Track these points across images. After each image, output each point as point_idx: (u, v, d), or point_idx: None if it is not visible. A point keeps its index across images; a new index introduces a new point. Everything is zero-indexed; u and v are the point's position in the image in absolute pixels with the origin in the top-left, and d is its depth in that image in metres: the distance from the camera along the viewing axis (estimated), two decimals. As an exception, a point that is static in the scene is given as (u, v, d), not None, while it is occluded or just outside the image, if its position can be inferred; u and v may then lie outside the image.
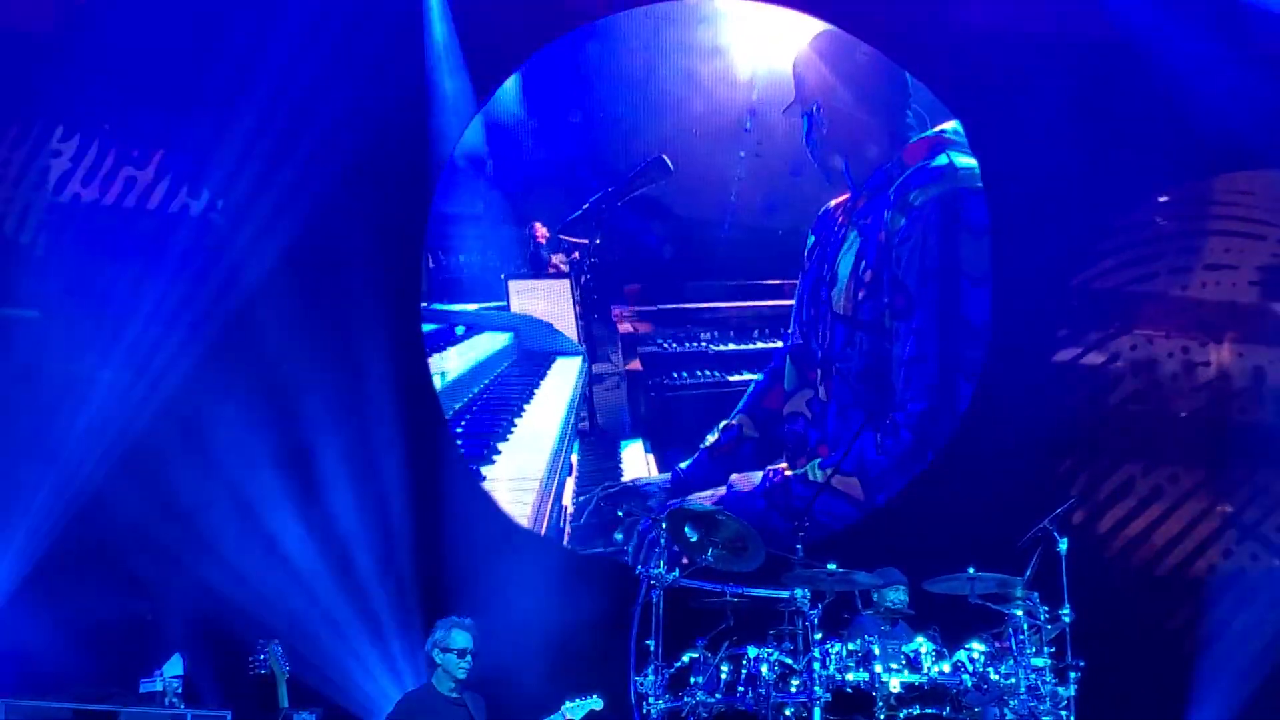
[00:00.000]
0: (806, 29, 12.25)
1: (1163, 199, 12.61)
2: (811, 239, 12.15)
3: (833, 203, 12.16)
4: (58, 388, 10.57)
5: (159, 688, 9.51)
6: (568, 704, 8.89)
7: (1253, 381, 12.73)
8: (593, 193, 12.04)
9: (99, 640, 10.14)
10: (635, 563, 10.83)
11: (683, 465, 11.75)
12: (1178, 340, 12.78)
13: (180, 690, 9.53)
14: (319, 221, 11.29)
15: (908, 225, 12.08)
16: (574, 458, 11.89)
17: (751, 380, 12.05)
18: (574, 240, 11.96)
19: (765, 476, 11.65)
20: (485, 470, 11.62)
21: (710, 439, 11.87)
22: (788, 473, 11.77)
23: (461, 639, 8.81)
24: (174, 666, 9.64)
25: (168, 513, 10.53)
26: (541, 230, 11.93)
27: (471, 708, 8.85)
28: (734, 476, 11.76)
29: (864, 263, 12.06)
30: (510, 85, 11.94)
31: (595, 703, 8.91)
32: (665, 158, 12.08)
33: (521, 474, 11.69)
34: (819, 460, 11.83)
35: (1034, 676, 8.64)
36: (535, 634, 10.29)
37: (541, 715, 8.96)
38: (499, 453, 11.65)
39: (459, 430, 11.67)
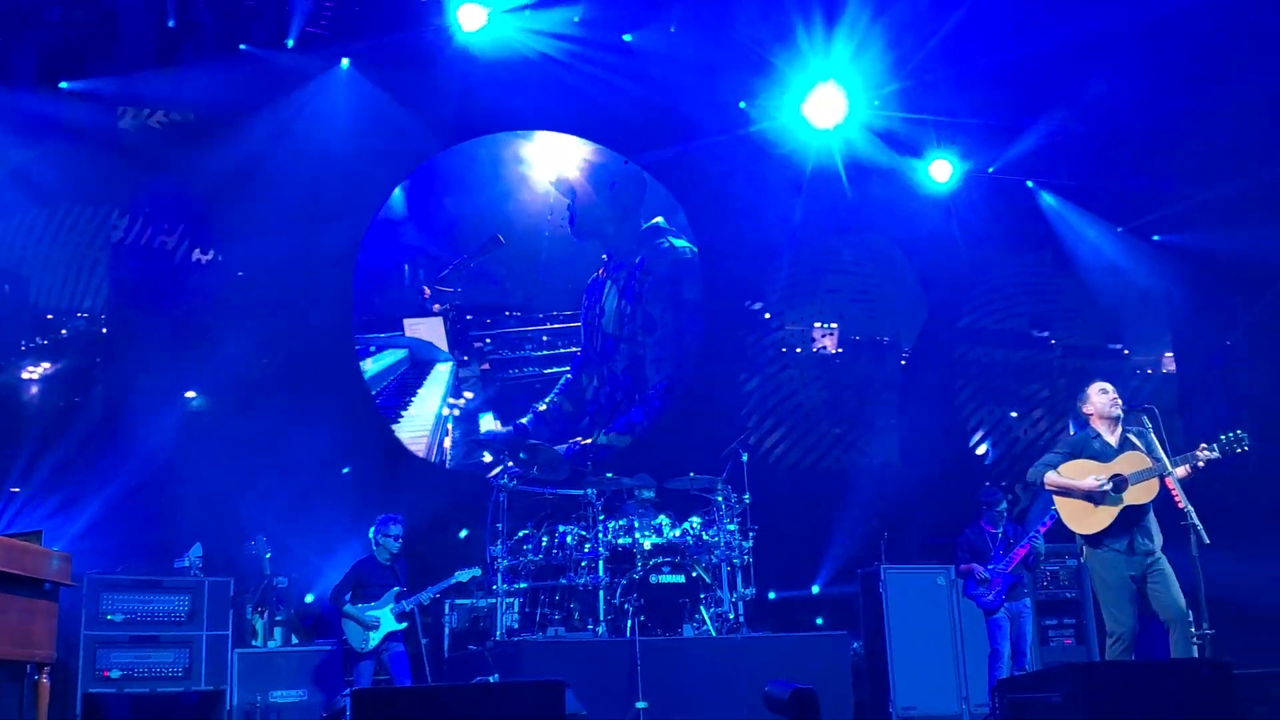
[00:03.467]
0: (585, 149, 12.12)
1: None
2: (585, 298, 12.04)
3: (596, 274, 12.11)
4: (122, 380, 10.02)
5: (187, 564, 9.17)
6: (459, 572, 8.75)
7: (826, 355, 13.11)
8: (456, 258, 11.72)
9: (147, 539, 9.68)
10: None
11: (523, 420, 11.61)
12: (806, 329, 13.03)
13: (200, 565, 9.18)
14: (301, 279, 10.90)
15: (653, 280, 12.24)
16: (449, 426, 11.51)
17: (558, 370, 11.85)
18: (444, 289, 11.56)
19: (569, 446, 11.52)
20: (394, 427, 11.29)
21: (541, 406, 11.71)
22: (584, 442, 11.73)
23: (395, 528, 8.78)
24: (196, 550, 9.26)
25: (197, 463, 10.01)
26: (427, 291, 11.55)
27: (398, 570, 8.78)
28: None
29: (624, 301, 12.12)
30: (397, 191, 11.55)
31: (476, 571, 8.81)
32: (499, 235, 11.81)
33: (417, 430, 11.42)
34: (605, 429, 11.88)
35: (728, 536, 9.02)
36: (429, 520, 10.01)
37: (438, 576, 8.77)
38: (400, 418, 11.36)
39: (378, 402, 11.32)
